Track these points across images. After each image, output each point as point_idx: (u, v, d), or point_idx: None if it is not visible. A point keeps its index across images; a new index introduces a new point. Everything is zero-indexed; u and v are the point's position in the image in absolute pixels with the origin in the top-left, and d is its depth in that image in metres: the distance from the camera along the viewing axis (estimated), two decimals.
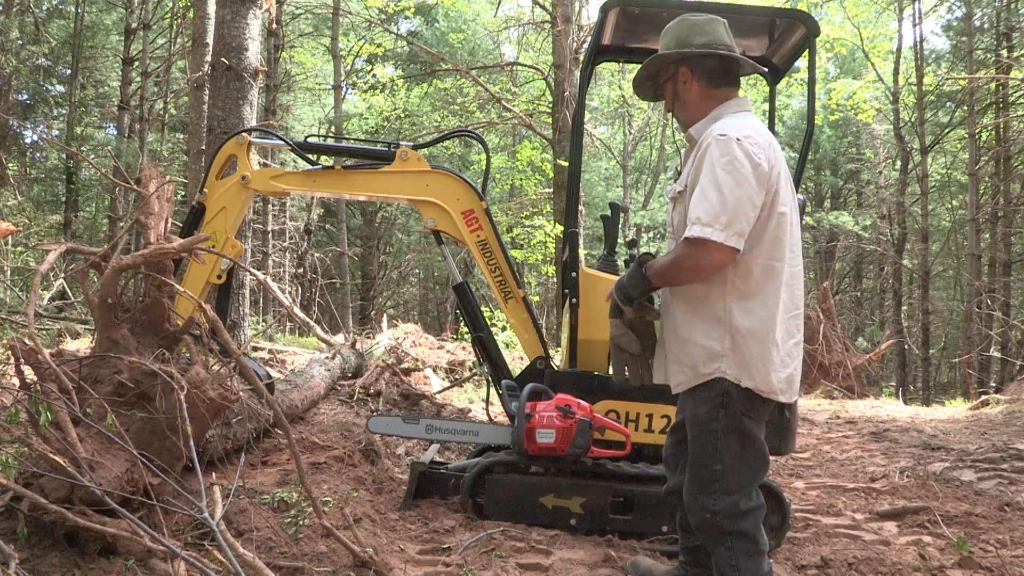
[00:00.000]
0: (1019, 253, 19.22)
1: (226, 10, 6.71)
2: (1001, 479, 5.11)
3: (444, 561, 3.16)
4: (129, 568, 2.41)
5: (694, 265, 2.19)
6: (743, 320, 2.24)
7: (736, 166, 2.15)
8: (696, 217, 2.15)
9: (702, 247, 2.15)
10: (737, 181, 2.14)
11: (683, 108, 2.46)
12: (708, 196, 2.15)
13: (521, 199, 18.64)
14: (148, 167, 3.34)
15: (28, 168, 20.93)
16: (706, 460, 2.34)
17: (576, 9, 15.00)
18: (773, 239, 2.25)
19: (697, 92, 2.43)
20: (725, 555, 2.34)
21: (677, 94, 2.46)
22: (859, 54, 22.64)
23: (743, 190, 2.14)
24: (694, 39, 2.39)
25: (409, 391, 6.90)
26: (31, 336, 2.60)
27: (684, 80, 2.43)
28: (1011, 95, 17.21)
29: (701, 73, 2.41)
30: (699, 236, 2.13)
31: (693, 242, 2.16)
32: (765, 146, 2.24)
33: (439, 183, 4.24)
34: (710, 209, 2.13)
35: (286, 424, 2.83)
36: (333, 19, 19.93)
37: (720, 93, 2.42)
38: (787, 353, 2.33)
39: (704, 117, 2.41)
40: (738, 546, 2.32)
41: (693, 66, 2.41)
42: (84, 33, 18.99)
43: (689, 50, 2.38)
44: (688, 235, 2.16)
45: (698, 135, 2.38)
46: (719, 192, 2.14)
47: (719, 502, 2.33)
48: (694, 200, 2.20)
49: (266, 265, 17.83)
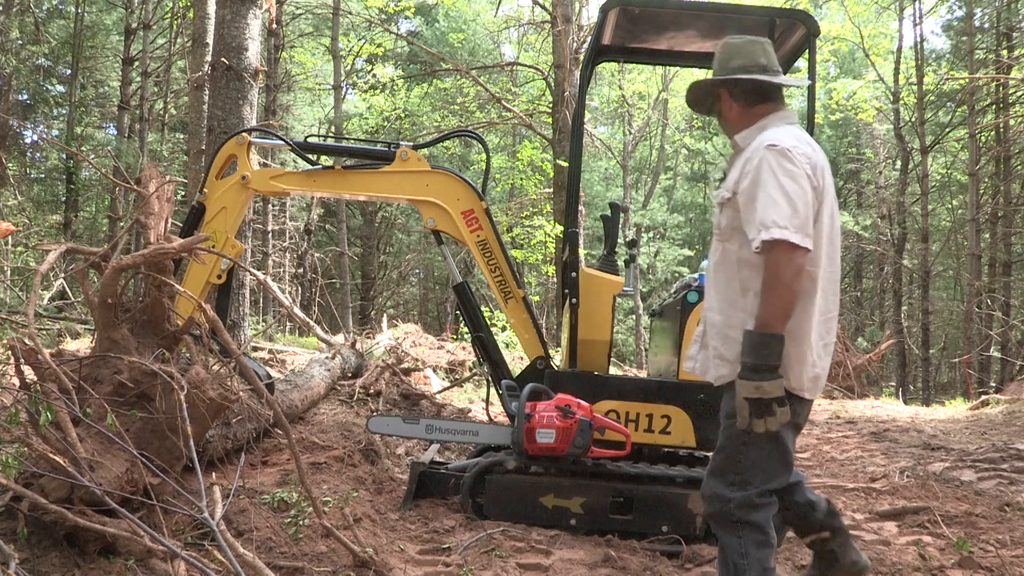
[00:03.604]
0: (1019, 253, 19.21)
1: (226, 10, 6.70)
2: (1001, 479, 5.11)
3: (444, 561, 3.16)
4: (129, 568, 2.41)
5: (791, 270, 2.24)
6: None
7: (795, 174, 2.30)
8: (772, 221, 2.24)
9: (785, 251, 2.24)
10: (800, 187, 2.29)
11: (727, 125, 2.65)
12: (777, 201, 2.26)
13: (521, 199, 18.65)
14: (148, 167, 3.34)
15: (28, 168, 20.93)
16: (732, 452, 2.42)
17: (576, 9, 14.99)
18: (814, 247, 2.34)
19: (737, 111, 2.60)
20: (735, 543, 2.39)
21: (721, 113, 2.65)
22: (859, 54, 22.64)
23: (806, 196, 2.30)
24: (731, 63, 2.57)
25: (409, 391, 6.90)
26: (31, 336, 2.60)
27: (724, 102, 2.62)
28: (1011, 95, 17.20)
29: (738, 95, 2.58)
30: (779, 238, 2.22)
31: (774, 245, 2.24)
32: (812, 158, 2.38)
33: (439, 183, 4.24)
34: (784, 212, 2.25)
35: (286, 424, 2.83)
36: (333, 19, 19.92)
37: (759, 110, 2.57)
38: (818, 354, 2.44)
39: (750, 127, 2.55)
40: (749, 536, 2.38)
41: (731, 88, 2.59)
42: (84, 33, 18.98)
43: (723, 77, 2.57)
44: (765, 238, 2.24)
45: (743, 143, 2.53)
46: (787, 197, 2.27)
47: (736, 493, 2.39)
48: (763, 205, 2.29)
49: (266, 265, 17.83)
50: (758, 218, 2.28)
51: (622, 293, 4.13)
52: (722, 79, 2.57)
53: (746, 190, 2.37)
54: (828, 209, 2.42)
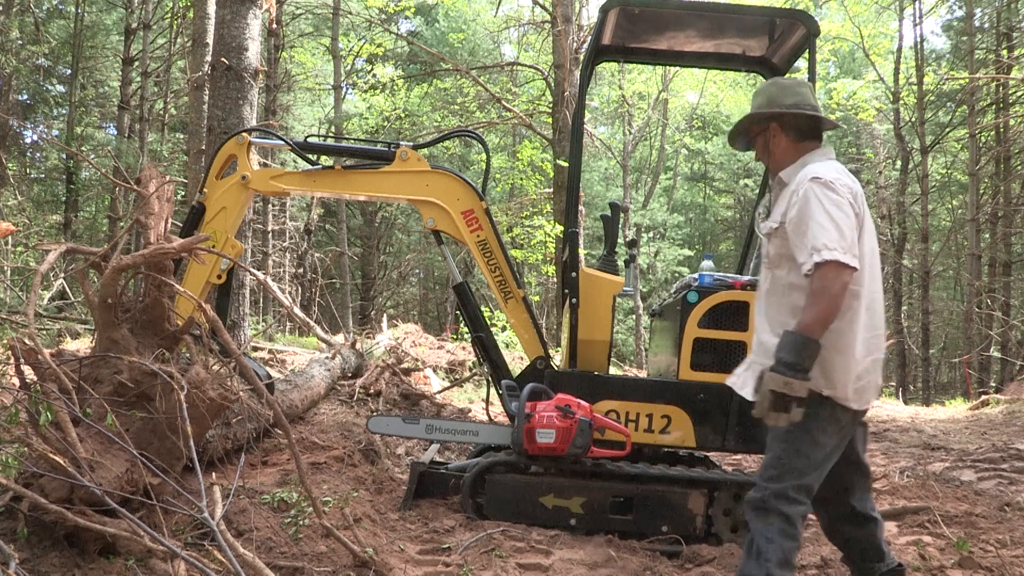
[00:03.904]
0: (1019, 253, 19.20)
1: (226, 10, 6.70)
2: (1001, 479, 5.11)
3: (444, 561, 3.16)
4: (129, 568, 2.41)
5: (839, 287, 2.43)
6: (828, 337, 2.48)
7: (839, 203, 2.51)
8: (823, 244, 2.45)
9: (834, 269, 2.43)
10: (845, 214, 2.51)
11: (772, 158, 2.80)
12: (825, 226, 2.47)
13: (521, 199, 18.64)
14: (148, 167, 3.34)
15: (28, 168, 20.93)
16: (776, 450, 2.58)
17: (576, 9, 14.99)
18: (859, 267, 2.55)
19: (785, 145, 2.76)
20: (763, 528, 2.52)
21: (767, 146, 2.80)
22: (859, 54, 22.63)
23: (849, 221, 2.51)
24: (784, 99, 2.75)
25: (409, 391, 6.90)
26: (31, 336, 2.60)
27: (774, 135, 2.77)
28: (1011, 95, 17.20)
29: (789, 129, 2.75)
30: (830, 259, 2.42)
31: (824, 266, 2.43)
32: (852, 188, 2.59)
33: (439, 183, 4.24)
34: (832, 236, 2.45)
35: (286, 424, 2.84)
36: (333, 19, 19.92)
37: (804, 146, 2.75)
38: (864, 369, 2.60)
39: (793, 163, 2.73)
40: (778, 525, 2.51)
41: (783, 123, 2.75)
42: (84, 33, 18.98)
43: (779, 109, 2.74)
44: (817, 260, 2.44)
45: (788, 178, 2.72)
46: (834, 223, 2.47)
47: (773, 484, 2.54)
48: (813, 231, 2.48)
49: (266, 265, 17.82)
50: (809, 244, 2.48)
51: (622, 293, 4.14)
52: (780, 112, 2.73)
53: (794, 219, 2.57)
54: (867, 233, 2.62)
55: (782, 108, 2.74)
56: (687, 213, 32.43)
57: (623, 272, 4.23)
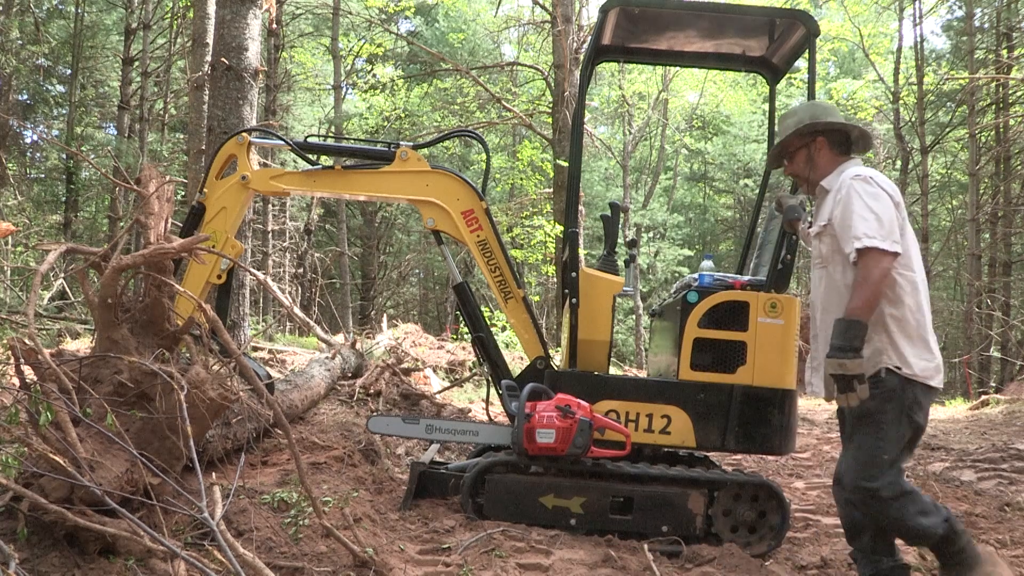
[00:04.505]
0: (1019, 253, 19.20)
1: (226, 10, 6.70)
2: (1001, 479, 5.11)
3: (444, 561, 3.16)
4: (129, 568, 2.41)
5: (879, 272, 2.65)
6: (896, 321, 2.73)
7: (879, 196, 2.75)
8: (863, 233, 2.67)
9: (875, 256, 2.65)
10: (884, 206, 2.73)
11: (814, 169, 3.03)
12: (866, 217, 2.70)
13: (521, 199, 18.63)
14: (148, 167, 3.34)
15: (28, 168, 20.93)
16: (872, 448, 2.71)
17: (576, 9, 14.99)
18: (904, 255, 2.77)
19: (828, 158, 3.01)
20: (899, 515, 2.69)
21: (811, 158, 3.03)
22: (859, 54, 22.63)
23: (889, 212, 2.73)
24: (827, 117, 3.02)
25: (409, 391, 6.89)
26: (31, 336, 2.60)
27: (820, 148, 3.01)
28: (1011, 95, 17.19)
29: (835, 143, 3.01)
30: (870, 245, 2.65)
31: (866, 253, 2.66)
32: (890, 185, 2.82)
33: (439, 183, 4.24)
34: (872, 225, 2.68)
35: (286, 424, 2.83)
36: (333, 19, 19.92)
37: (843, 159, 3.02)
38: (931, 347, 2.79)
39: (832, 172, 2.98)
40: (909, 506, 2.69)
41: (829, 137, 3.01)
42: (84, 33, 18.97)
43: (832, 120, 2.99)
44: (859, 247, 2.66)
45: (829, 185, 2.96)
46: (875, 214, 2.70)
47: (879, 479, 2.68)
48: (855, 222, 2.71)
49: (266, 265, 17.82)
50: (851, 234, 2.71)
51: (622, 293, 4.14)
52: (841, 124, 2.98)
53: (839, 215, 2.80)
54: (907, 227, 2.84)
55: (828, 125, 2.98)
56: (687, 213, 32.42)
57: (623, 272, 4.23)
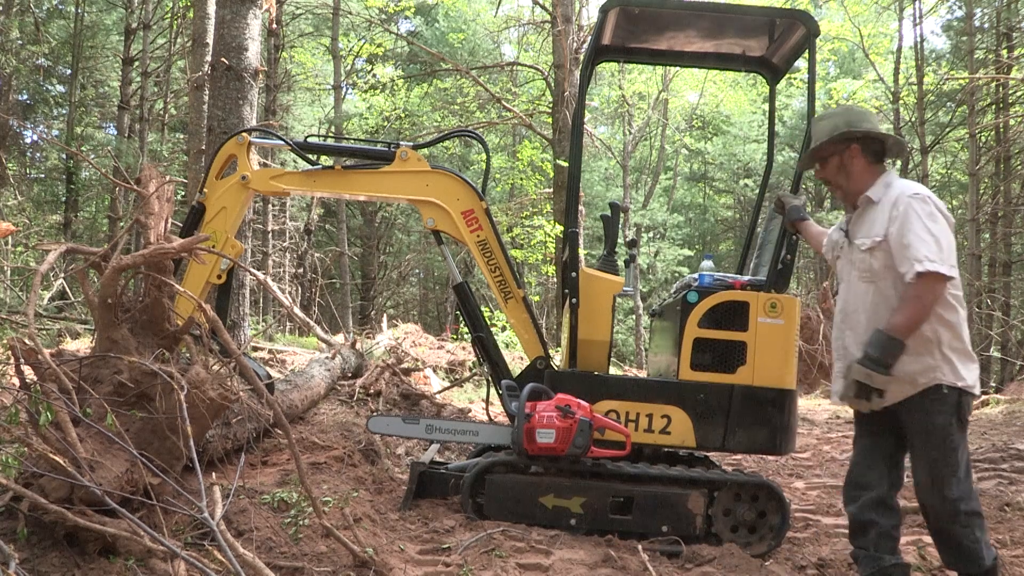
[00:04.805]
0: (1019, 253, 19.18)
1: (226, 10, 6.70)
2: (1001, 479, 5.11)
3: (444, 561, 3.16)
4: (129, 568, 2.41)
5: (933, 297, 2.70)
6: (947, 337, 2.80)
7: (938, 218, 2.77)
8: (924, 256, 2.69)
9: (934, 279, 2.69)
10: (942, 228, 2.76)
11: (847, 178, 3.00)
12: (926, 239, 2.72)
13: (521, 199, 18.62)
14: (148, 167, 3.34)
15: (28, 168, 20.93)
16: (946, 459, 2.80)
17: (576, 9, 14.98)
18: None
19: (861, 166, 2.98)
20: (963, 532, 2.80)
21: (843, 166, 3.00)
22: (859, 54, 22.61)
23: (948, 236, 2.77)
24: (862, 124, 2.97)
25: (409, 391, 6.89)
26: (31, 336, 2.60)
27: (854, 156, 2.98)
28: (1011, 95, 17.19)
29: (868, 151, 2.98)
30: (932, 270, 2.67)
31: (926, 276, 2.68)
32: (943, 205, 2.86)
33: (439, 183, 4.24)
34: (932, 248, 2.70)
35: (286, 424, 2.83)
36: (333, 19, 19.92)
37: (877, 168, 2.99)
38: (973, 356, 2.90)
39: (873, 184, 2.96)
40: (974, 523, 2.79)
41: (864, 145, 2.97)
42: (84, 33, 18.96)
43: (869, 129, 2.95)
44: (920, 270, 2.68)
45: (876, 196, 2.94)
46: (934, 236, 2.72)
47: (957, 489, 2.78)
48: (915, 243, 2.72)
49: (266, 265, 17.81)
50: (911, 255, 2.72)
51: (622, 293, 4.14)
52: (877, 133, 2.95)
53: (896, 232, 2.79)
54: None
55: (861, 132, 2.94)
56: (687, 213, 32.41)
57: (623, 272, 4.23)
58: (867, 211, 2.97)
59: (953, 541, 2.85)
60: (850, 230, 3.04)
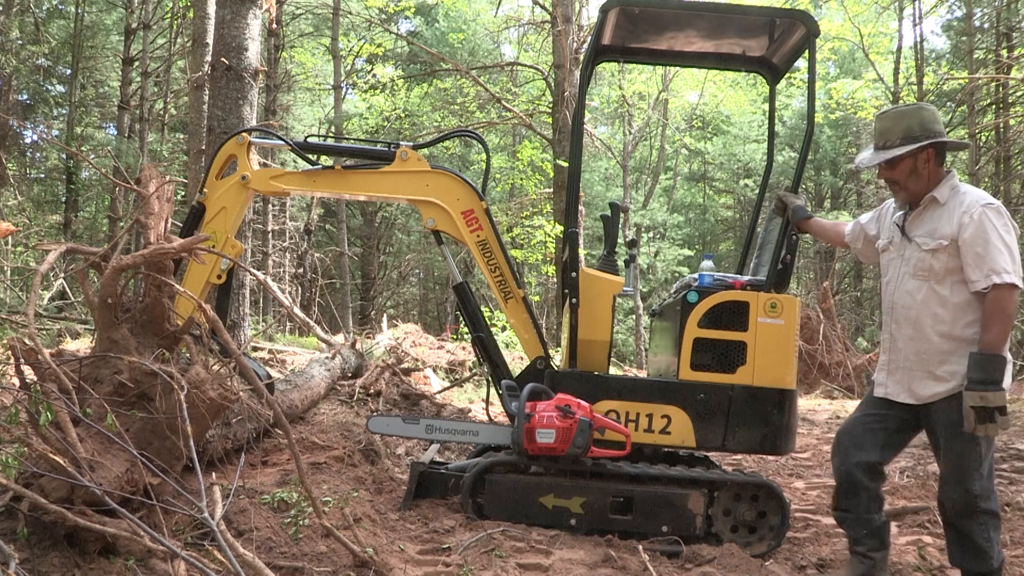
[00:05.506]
0: None
1: (226, 10, 6.70)
2: (1001, 479, 5.10)
3: (444, 561, 3.16)
4: (129, 568, 2.41)
5: (1013, 306, 2.77)
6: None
7: (1011, 230, 2.84)
8: (1002, 268, 2.77)
9: (1009, 291, 2.76)
10: (1013, 240, 2.83)
11: (918, 180, 3.00)
12: (1002, 251, 2.78)
13: (521, 199, 18.63)
14: (148, 167, 3.34)
15: (28, 168, 20.93)
16: (971, 454, 2.86)
17: (576, 9, 14.98)
18: None
19: (932, 169, 2.99)
20: (978, 530, 2.86)
21: (916, 168, 2.99)
22: (859, 54, 22.61)
23: (1016, 247, 2.83)
24: (935, 126, 2.97)
25: (409, 391, 6.89)
26: (31, 336, 2.60)
27: (927, 159, 2.98)
28: (1011, 95, 17.19)
29: (939, 155, 3.00)
30: (1008, 281, 2.75)
31: (1002, 287, 2.76)
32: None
33: (439, 183, 4.24)
34: (1008, 260, 2.78)
35: (286, 424, 2.84)
36: (333, 19, 19.92)
37: (943, 170, 3.02)
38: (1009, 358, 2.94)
39: (938, 184, 2.98)
40: (989, 522, 2.87)
41: (938, 148, 2.99)
42: (84, 33, 18.97)
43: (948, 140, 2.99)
44: (997, 281, 2.76)
45: (942, 198, 2.96)
46: (1008, 248, 2.79)
47: (979, 486, 2.86)
48: (993, 254, 2.78)
49: (266, 265, 17.82)
50: (988, 265, 2.79)
51: (622, 293, 4.13)
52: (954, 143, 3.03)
53: (969, 240, 2.83)
54: None
55: (935, 135, 2.94)
56: (687, 213, 32.40)
57: (623, 272, 4.23)
58: (931, 211, 2.98)
59: (966, 537, 2.89)
60: (907, 226, 3.03)
